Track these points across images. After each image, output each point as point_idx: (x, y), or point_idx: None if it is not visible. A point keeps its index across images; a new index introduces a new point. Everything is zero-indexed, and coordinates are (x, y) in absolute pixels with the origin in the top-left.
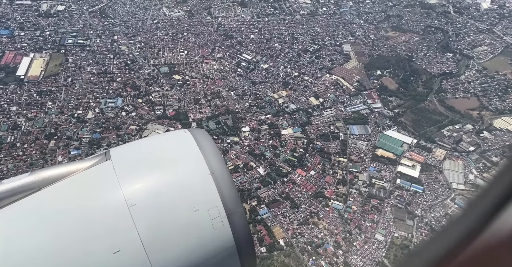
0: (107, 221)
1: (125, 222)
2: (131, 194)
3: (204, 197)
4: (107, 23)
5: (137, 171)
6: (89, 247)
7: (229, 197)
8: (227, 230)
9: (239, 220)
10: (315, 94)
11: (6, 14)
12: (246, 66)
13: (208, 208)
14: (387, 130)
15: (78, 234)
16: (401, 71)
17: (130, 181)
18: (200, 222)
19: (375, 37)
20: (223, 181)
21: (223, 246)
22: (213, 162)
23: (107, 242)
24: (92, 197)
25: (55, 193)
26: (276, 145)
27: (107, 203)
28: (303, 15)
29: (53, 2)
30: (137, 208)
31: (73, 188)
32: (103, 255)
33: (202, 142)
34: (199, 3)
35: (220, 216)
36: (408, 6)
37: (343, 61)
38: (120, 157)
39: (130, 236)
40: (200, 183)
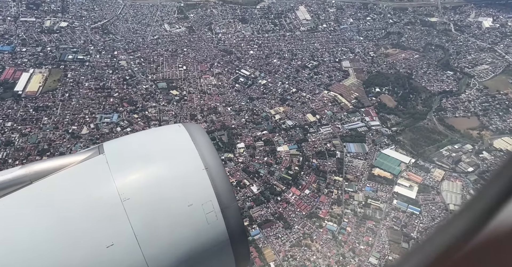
0: (101, 214)
1: (118, 216)
2: (124, 188)
3: (198, 191)
4: (108, 39)
5: (131, 165)
6: (82, 241)
7: (223, 192)
8: (221, 224)
9: (233, 215)
10: (313, 110)
11: (9, 31)
12: (244, 82)
13: (202, 203)
14: (384, 148)
15: (71, 228)
16: (400, 89)
17: (123, 175)
18: (194, 217)
19: (375, 54)
20: (217, 176)
21: (217, 240)
22: (207, 157)
23: (100, 235)
24: (85, 191)
25: (47, 186)
26: (271, 162)
27: (100, 197)
28: (303, 31)
29: (57, 19)
30: (131, 202)
31: (65, 182)
32: (96, 249)
33: (196, 137)
34: (200, 19)
35: (214, 211)
36: (408, 24)
37: (341, 78)
38: (113, 151)
39: (124, 230)
40: (194, 177)
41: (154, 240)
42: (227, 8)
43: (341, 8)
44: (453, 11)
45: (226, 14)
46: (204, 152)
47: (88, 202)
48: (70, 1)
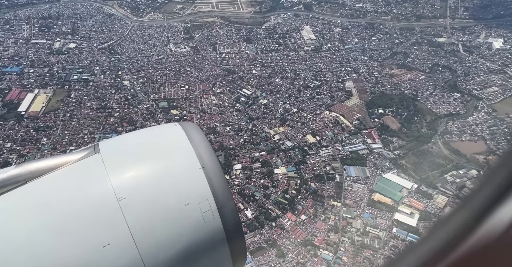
0: (96, 214)
1: (114, 216)
2: (120, 187)
3: (195, 190)
4: (114, 59)
5: (127, 165)
6: (78, 241)
7: (220, 191)
8: (218, 223)
9: (230, 214)
10: (313, 131)
11: (20, 53)
12: (245, 101)
13: (199, 202)
14: (386, 173)
15: (66, 227)
16: (405, 110)
17: (119, 175)
18: (191, 216)
19: (379, 74)
20: (214, 175)
21: (214, 239)
22: (204, 156)
23: (96, 235)
24: (81, 190)
25: (42, 186)
26: (268, 185)
27: (96, 196)
28: (307, 51)
29: (66, 40)
30: (127, 202)
31: (61, 182)
32: (93, 248)
33: (192, 136)
34: (206, 40)
35: (211, 210)
36: (415, 44)
37: (344, 98)
38: (109, 150)
39: (120, 229)
40: (191, 176)
41: (150, 239)
42: (233, 28)
43: (347, 28)
44: (462, 32)
45: (232, 34)
46: (201, 151)
47: (84, 201)
48: (81, 23)
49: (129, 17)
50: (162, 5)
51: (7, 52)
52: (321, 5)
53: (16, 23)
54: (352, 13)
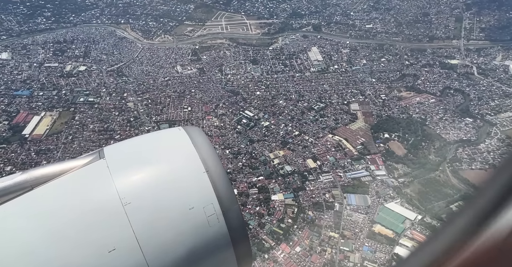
0: (102, 219)
1: (120, 221)
2: (125, 192)
3: (200, 194)
4: (121, 81)
5: (132, 169)
6: (84, 246)
7: (225, 195)
8: (222, 227)
9: (234, 217)
10: (314, 155)
11: (32, 76)
12: (247, 123)
13: (203, 206)
14: (388, 202)
15: (72, 233)
16: (412, 136)
17: (124, 180)
18: (195, 220)
19: (387, 97)
20: (218, 179)
21: (219, 243)
22: (208, 160)
23: (102, 240)
24: (86, 196)
25: (48, 192)
26: (263, 213)
27: (101, 201)
28: (313, 72)
29: (77, 64)
30: (132, 207)
31: (66, 187)
32: (98, 254)
33: (196, 140)
34: (212, 61)
35: (215, 213)
36: (426, 66)
37: (348, 121)
38: (114, 155)
39: (125, 234)
40: (195, 180)
41: (156, 244)
42: (240, 50)
43: (355, 49)
44: (477, 54)
45: (238, 56)
46: (205, 155)
47: (89, 207)
48: (93, 46)
49: (140, 40)
50: (173, 27)
51: (20, 76)
52: (330, 26)
53: (33, 47)
54: (361, 34)
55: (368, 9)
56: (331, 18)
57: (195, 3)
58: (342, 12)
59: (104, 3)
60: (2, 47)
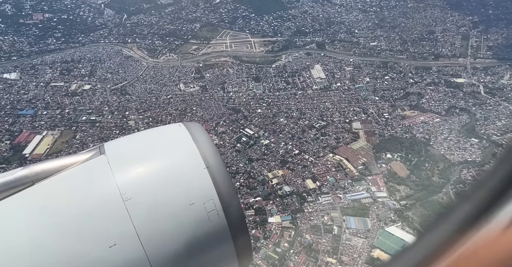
0: (103, 215)
1: (121, 216)
2: (126, 188)
3: (200, 190)
4: (124, 99)
5: (132, 165)
6: (85, 241)
7: (225, 190)
8: (223, 223)
9: (235, 213)
10: (314, 176)
11: (38, 96)
12: (246, 141)
13: (204, 201)
14: (389, 226)
15: (73, 229)
16: (415, 156)
17: (125, 175)
18: (196, 215)
19: (390, 116)
20: (218, 175)
21: (219, 239)
22: (208, 156)
23: (103, 236)
24: (87, 191)
25: (48, 187)
26: (259, 236)
27: (102, 197)
28: (316, 90)
29: (82, 83)
30: (133, 202)
31: (67, 183)
32: (99, 249)
33: (197, 136)
34: (215, 79)
35: (216, 209)
36: (431, 84)
37: (350, 140)
38: (114, 151)
39: (126, 230)
40: (196, 176)
41: (156, 240)
42: (243, 67)
43: (359, 67)
44: (484, 72)
45: (241, 73)
46: (205, 151)
47: (90, 202)
48: (99, 65)
49: (146, 59)
50: (179, 46)
51: (26, 95)
52: (334, 43)
53: (41, 67)
54: (365, 51)
55: (372, 27)
56: (335, 35)
57: (201, 22)
58: (347, 30)
59: (113, 23)
60: (12, 68)
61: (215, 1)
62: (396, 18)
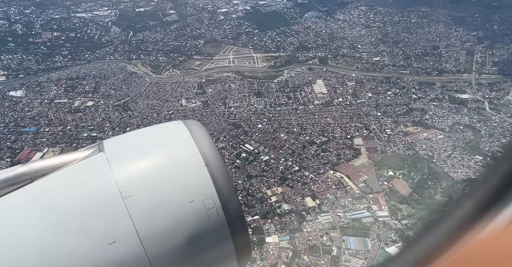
0: (102, 212)
1: (120, 214)
2: (125, 185)
3: (199, 188)
4: (126, 115)
5: (131, 163)
6: (84, 239)
7: (224, 188)
8: (222, 220)
9: (234, 210)
10: (313, 193)
11: (42, 112)
12: (246, 157)
13: (203, 199)
14: (390, 246)
15: (72, 226)
16: (418, 174)
17: (124, 173)
18: (195, 213)
19: (392, 132)
20: (217, 172)
21: (218, 236)
22: (207, 154)
23: (102, 233)
24: (86, 189)
25: (47, 184)
26: (255, 257)
27: (101, 194)
28: (317, 105)
29: (85, 99)
30: (132, 200)
31: (66, 180)
32: (98, 246)
33: (196, 134)
34: (217, 94)
35: (215, 207)
36: (435, 100)
37: (351, 157)
38: (113, 149)
39: (126, 227)
40: (195, 174)
41: (155, 237)
42: (245, 83)
43: (361, 82)
44: (489, 88)
45: (243, 88)
46: (204, 148)
47: (89, 200)
48: (103, 81)
49: (149, 74)
50: (182, 62)
51: (30, 112)
52: (337, 58)
53: (46, 85)
54: (368, 66)
55: (375, 42)
56: (338, 50)
57: (205, 38)
58: (349, 45)
59: (119, 40)
60: (19, 85)
61: (219, 18)
62: (399, 33)
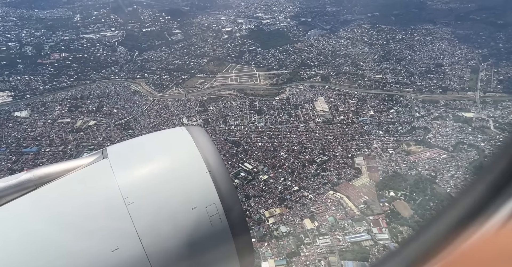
0: (105, 219)
1: (123, 220)
2: (128, 192)
3: (202, 194)
4: (126, 134)
5: (135, 169)
6: (87, 246)
7: (227, 194)
8: (225, 227)
9: (237, 217)
10: (312, 215)
11: (44, 132)
12: (245, 177)
13: (206, 205)
14: None
15: (75, 233)
16: (420, 195)
17: (127, 179)
18: (198, 219)
19: (394, 151)
20: (220, 178)
21: (221, 243)
22: (210, 160)
23: (105, 240)
24: (90, 195)
25: (51, 191)
26: None
27: (104, 201)
28: (318, 123)
29: (88, 118)
30: (135, 206)
31: (70, 187)
32: (101, 253)
33: (199, 139)
34: (218, 112)
35: (218, 213)
36: (438, 118)
37: (352, 177)
38: (117, 155)
39: (129, 234)
40: (198, 180)
41: (159, 244)
42: (247, 100)
43: (363, 100)
44: (494, 107)
45: (244, 106)
46: (207, 154)
47: (93, 206)
48: (106, 101)
49: (152, 93)
50: (185, 80)
51: (33, 133)
52: (339, 76)
53: (51, 104)
54: (370, 84)
55: (378, 59)
56: (340, 68)
57: (209, 57)
58: (352, 62)
59: (124, 60)
60: (24, 106)
61: (223, 37)
62: (402, 50)
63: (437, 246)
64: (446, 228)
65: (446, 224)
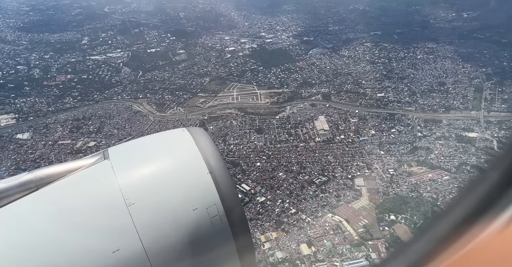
0: (106, 220)
1: (124, 221)
2: (129, 193)
3: (203, 195)
4: None
5: (136, 170)
6: (88, 247)
7: (228, 195)
8: (226, 228)
9: (238, 218)
10: (309, 240)
11: (44, 154)
12: (241, 199)
13: (207, 207)
14: None
15: (76, 234)
16: (421, 218)
17: (128, 180)
18: (199, 221)
19: (395, 172)
20: (221, 180)
21: (222, 244)
22: (211, 161)
23: (106, 241)
24: (91, 196)
25: (52, 192)
26: None
27: (105, 202)
28: (318, 142)
29: (88, 139)
30: (136, 207)
31: (71, 188)
32: (102, 254)
33: (200, 141)
34: (218, 131)
35: (219, 214)
36: (441, 138)
37: (351, 199)
38: (118, 156)
39: (129, 235)
40: (199, 181)
41: (159, 245)
42: (247, 119)
43: (364, 118)
44: (498, 126)
45: (245, 125)
46: (208, 155)
47: (94, 207)
48: (108, 121)
49: (153, 113)
50: (187, 100)
51: (33, 155)
52: (340, 94)
53: (53, 126)
54: (372, 103)
55: (380, 78)
56: (342, 86)
57: (211, 76)
58: (353, 81)
59: (128, 80)
60: (27, 128)
61: (226, 56)
62: (405, 69)
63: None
64: (449, 229)
65: (449, 224)
